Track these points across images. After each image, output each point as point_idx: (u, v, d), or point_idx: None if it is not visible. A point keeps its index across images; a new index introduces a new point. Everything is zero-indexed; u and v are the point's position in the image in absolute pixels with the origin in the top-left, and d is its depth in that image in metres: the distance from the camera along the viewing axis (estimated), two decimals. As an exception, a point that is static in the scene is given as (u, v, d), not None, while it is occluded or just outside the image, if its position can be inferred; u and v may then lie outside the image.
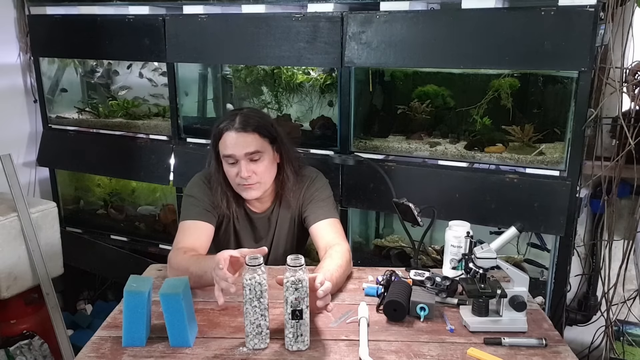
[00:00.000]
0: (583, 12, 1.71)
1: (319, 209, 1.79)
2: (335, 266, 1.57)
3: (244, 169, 1.67)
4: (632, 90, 2.03)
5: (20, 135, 2.85)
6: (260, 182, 1.71)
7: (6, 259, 2.21)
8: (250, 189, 1.71)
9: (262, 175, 1.71)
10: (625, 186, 2.16)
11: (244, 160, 1.67)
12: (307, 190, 1.83)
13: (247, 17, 2.22)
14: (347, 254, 1.66)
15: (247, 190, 1.71)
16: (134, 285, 1.33)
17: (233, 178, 1.71)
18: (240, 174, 1.67)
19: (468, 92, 2.17)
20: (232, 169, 1.69)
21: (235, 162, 1.68)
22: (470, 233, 1.54)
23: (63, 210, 2.89)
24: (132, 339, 1.33)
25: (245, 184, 1.69)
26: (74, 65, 2.94)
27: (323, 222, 1.76)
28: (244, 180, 1.68)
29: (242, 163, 1.67)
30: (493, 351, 1.31)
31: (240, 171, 1.67)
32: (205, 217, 1.74)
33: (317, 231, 1.76)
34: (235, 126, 1.67)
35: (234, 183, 1.72)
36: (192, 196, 1.77)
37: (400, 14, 1.97)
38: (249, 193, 1.72)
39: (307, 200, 1.82)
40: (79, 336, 2.63)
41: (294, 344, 1.31)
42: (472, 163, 2.06)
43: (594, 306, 2.37)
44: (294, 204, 1.83)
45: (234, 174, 1.69)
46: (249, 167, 1.68)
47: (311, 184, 1.84)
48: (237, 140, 1.66)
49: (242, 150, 1.66)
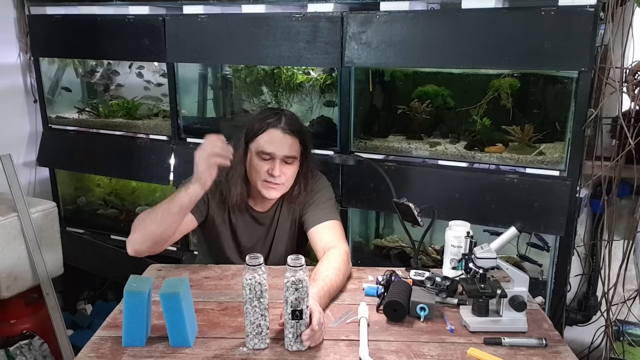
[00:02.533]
0: (583, 12, 1.71)
1: (318, 212, 1.79)
2: (334, 270, 1.57)
3: (277, 168, 1.68)
4: (632, 90, 2.03)
5: (20, 135, 2.85)
6: (284, 184, 1.73)
7: (6, 259, 2.20)
8: (274, 189, 1.72)
9: (289, 179, 1.73)
10: (625, 186, 2.16)
11: (280, 160, 1.68)
12: (309, 193, 1.83)
13: (247, 17, 2.22)
14: (345, 256, 1.66)
15: (270, 189, 1.72)
16: (134, 285, 1.34)
17: (261, 173, 1.70)
18: (273, 172, 1.68)
19: (468, 92, 2.17)
20: (264, 164, 1.69)
21: (270, 159, 1.69)
22: (470, 233, 1.54)
23: (63, 210, 2.89)
24: (132, 339, 1.33)
25: (273, 182, 1.70)
26: (73, 66, 2.94)
27: (321, 225, 1.76)
28: (272, 178, 1.69)
29: (277, 162, 1.68)
30: (493, 351, 1.31)
31: (274, 169, 1.68)
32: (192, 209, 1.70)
33: (315, 234, 1.76)
34: (282, 125, 1.68)
35: (260, 178, 1.71)
36: None
37: (400, 14, 1.97)
38: (271, 192, 1.73)
39: (308, 202, 1.82)
40: (79, 336, 2.63)
41: (294, 344, 1.31)
42: (472, 163, 2.06)
43: (594, 306, 2.37)
44: (296, 206, 1.83)
45: (264, 170, 1.69)
46: (282, 167, 1.69)
47: (314, 185, 1.84)
48: (283, 140, 1.68)
49: (283, 150, 1.68)
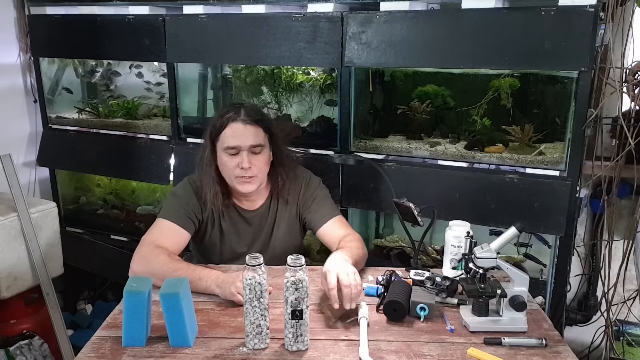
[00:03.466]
0: (583, 12, 1.71)
1: (322, 210, 1.81)
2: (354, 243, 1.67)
3: (246, 160, 1.67)
4: (632, 90, 2.03)
5: (20, 135, 2.85)
6: (257, 176, 1.72)
7: (6, 259, 2.20)
8: (247, 182, 1.71)
9: (261, 168, 1.72)
10: (625, 186, 2.16)
11: (247, 151, 1.68)
12: (305, 192, 1.84)
13: (247, 17, 2.22)
14: (361, 239, 1.73)
15: (243, 183, 1.71)
16: (134, 285, 1.34)
17: (232, 169, 1.70)
18: (242, 165, 1.67)
19: (468, 92, 2.17)
20: (233, 159, 1.69)
21: (237, 154, 1.68)
22: (470, 233, 1.54)
23: (63, 210, 2.89)
24: (132, 339, 1.33)
25: (244, 175, 1.69)
26: (73, 66, 2.94)
27: (329, 222, 1.79)
28: (243, 172, 1.68)
29: (244, 154, 1.68)
30: (493, 351, 1.32)
31: (242, 162, 1.67)
32: (184, 223, 1.73)
33: (326, 232, 1.79)
34: (242, 117, 1.68)
35: (232, 175, 1.71)
36: (178, 197, 1.77)
37: (400, 14, 1.97)
38: (245, 186, 1.72)
39: (307, 202, 1.82)
40: (79, 336, 2.63)
41: (294, 344, 1.31)
42: (472, 163, 2.06)
43: (594, 306, 2.37)
44: (293, 203, 1.83)
45: (233, 165, 1.69)
46: (250, 158, 1.68)
47: (307, 185, 1.85)
48: (244, 131, 1.67)
49: (247, 141, 1.67)
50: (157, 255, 1.60)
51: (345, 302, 1.41)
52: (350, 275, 1.43)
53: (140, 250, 1.64)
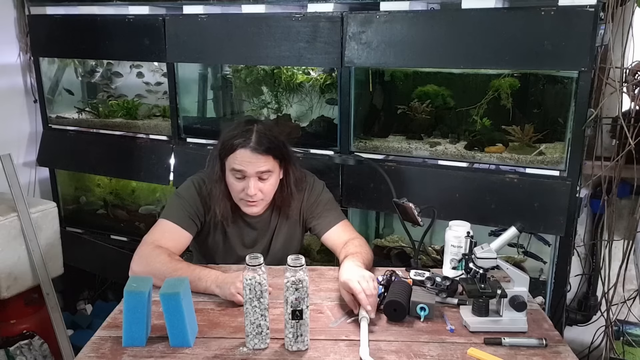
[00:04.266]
0: (583, 12, 1.71)
1: (327, 216, 1.81)
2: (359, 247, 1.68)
3: (252, 187, 1.66)
4: (632, 90, 2.03)
5: (20, 135, 2.85)
6: (263, 199, 1.72)
7: (6, 259, 2.20)
8: (253, 205, 1.71)
9: (267, 193, 1.71)
10: (625, 186, 2.16)
11: (254, 178, 1.66)
12: (308, 197, 1.84)
13: (247, 17, 2.22)
14: (366, 244, 1.74)
15: (249, 206, 1.71)
16: (134, 285, 1.33)
17: (238, 192, 1.69)
18: (247, 191, 1.66)
19: (468, 92, 2.17)
20: (239, 183, 1.68)
21: (243, 178, 1.67)
22: (470, 233, 1.54)
23: (63, 210, 2.89)
24: (132, 339, 1.33)
25: (250, 200, 1.69)
26: (73, 66, 2.94)
27: (335, 227, 1.79)
28: (248, 197, 1.68)
29: (251, 180, 1.66)
30: (493, 351, 1.31)
31: (248, 188, 1.66)
32: (186, 224, 1.72)
33: (331, 237, 1.79)
34: (251, 145, 1.64)
35: (237, 197, 1.71)
36: (181, 198, 1.76)
37: (400, 14, 1.96)
38: (251, 209, 1.72)
39: (312, 207, 1.83)
40: (79, 336, 2.63)
41: (294, 344, 1.31)
42: (472, 163, 2.06)
43: (594, 306, 2.37)
44: (295, 207, 1.83)
45: (239, 189, 1.68)
46: (257, 184, 1.67)
47: (311, 190, 1.84)
48: (252, 159, 1.64)
49: (254, 168, 1.65)
50: (157, 255, 1.60)
51: (371, 311, 1.42)
52: (370, 283, 1.44)
53: (141, 250, 1.64)
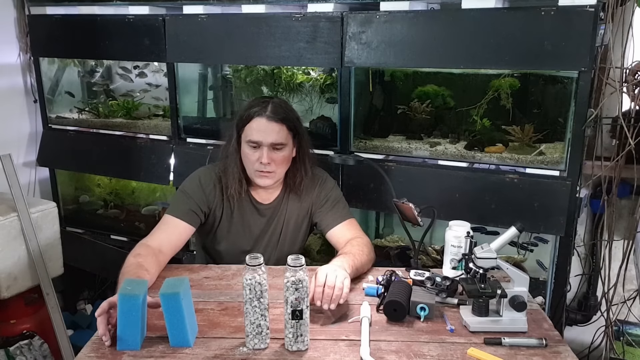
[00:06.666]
0: (583, 12, 1.71)
1: (335, 213, 1.82)
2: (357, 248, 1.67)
3: (265, 156, 1.69)
4: (632, 90, 2.03)
5: (20, 135, 2.85)
6: (275, 172, 1.74)
7: (6, 259, 2.20)
8: (265, 176, 1.74)
9: (280, 165, 1.74)
10: (625, 186, 2.16)
11: (268, 147, 1.70)
12: (319, 192, 1.85)
13: (247, 17, 2.22)
14: (369, 243, 1.74)
15: (262, 177, 1.74)
16: (128, 288, 1.31)
17: (252, 162, 1.73)
18: (261, 160, 1.70)
19: (468, 92, 2.17)
20: (254, 153, 1.71)
21: (258, 147, 1.71)
22: (470, 233, 1.54)
23: (63, 210, 2.89)
24: (126, 342, 1.31)
25: (263, 170, 1.72)
26: (74, 66, 2.94)
27: (340, 225, 1.80)
28: (262, 166, 1.71)
29: (265, 150, 1.70)
30: (493, 351, 1.31)
31: (262, 157, 1.70)
32: (188, 218, 1.74)
33: (335, 234, 1.80)
34: (267, 114, 1.69)
35: (252, 168, 1.74)
36: (183, 192, 1.79)
37: (400, 14, 1.97)
38: (264, 180, 1.75)
39: (320, 202, 1.84)
40: (79, 336, 2.63)
41: (294, 344, 1.31)
42: (472, 163, 2.06)
43: (594, 306, 2.37)
44: (306, 200, 1.85)
45: (254, 159, 1.72)
46: (271, 154, 1.71)
47: (323, 185, 1.87)
48: (267, 127, 1.69)
49: (269, 138, 1.69)
50: (134, 256, 1.62)
51: (323, 301, 1.42)
52: (339, 278, 1.44)
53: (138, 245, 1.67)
